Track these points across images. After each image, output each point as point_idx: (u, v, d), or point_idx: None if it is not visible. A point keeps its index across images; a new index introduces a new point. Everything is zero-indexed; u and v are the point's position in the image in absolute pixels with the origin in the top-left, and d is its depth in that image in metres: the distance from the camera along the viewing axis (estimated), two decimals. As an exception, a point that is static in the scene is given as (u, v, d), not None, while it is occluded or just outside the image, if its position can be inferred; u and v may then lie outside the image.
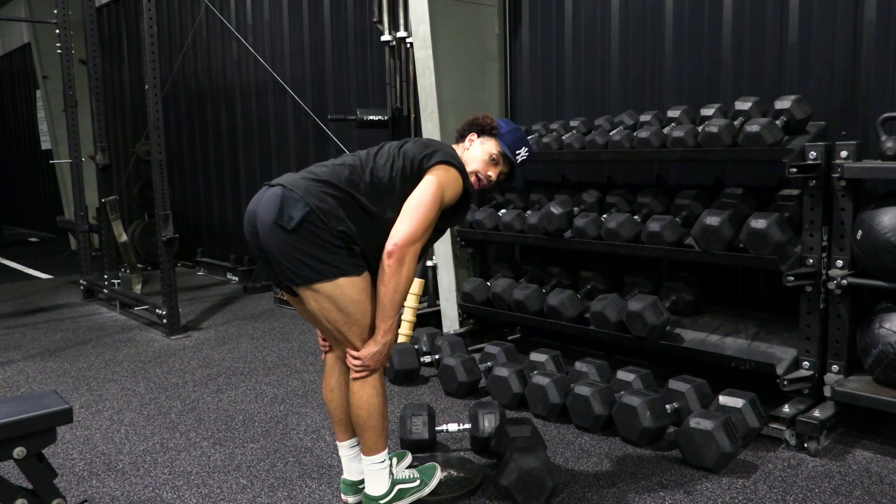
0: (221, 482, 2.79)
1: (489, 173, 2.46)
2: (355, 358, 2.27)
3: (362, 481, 2.49)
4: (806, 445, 2.88)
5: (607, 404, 3.09)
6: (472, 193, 2.41)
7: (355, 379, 2.31)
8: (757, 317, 3.49)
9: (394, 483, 2.43)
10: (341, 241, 2.18)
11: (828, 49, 3.30)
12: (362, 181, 2.26)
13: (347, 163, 2.32)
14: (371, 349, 2.25)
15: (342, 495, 2.55)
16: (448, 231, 4.31)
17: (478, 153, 2.45)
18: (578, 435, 3.13)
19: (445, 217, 2.35)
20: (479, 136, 2.49)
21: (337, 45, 5.90)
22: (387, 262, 2.18)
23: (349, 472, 2.54)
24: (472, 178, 2.42)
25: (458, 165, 2.32)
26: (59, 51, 6.21)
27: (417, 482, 2.50)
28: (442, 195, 2.25)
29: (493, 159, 2.46)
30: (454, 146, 2.48)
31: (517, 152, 2.51)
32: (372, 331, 2.28)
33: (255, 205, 2.26)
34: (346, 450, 2.53)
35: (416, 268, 2.24)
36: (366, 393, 2.31)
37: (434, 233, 2.38)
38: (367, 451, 2.37)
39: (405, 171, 2.28)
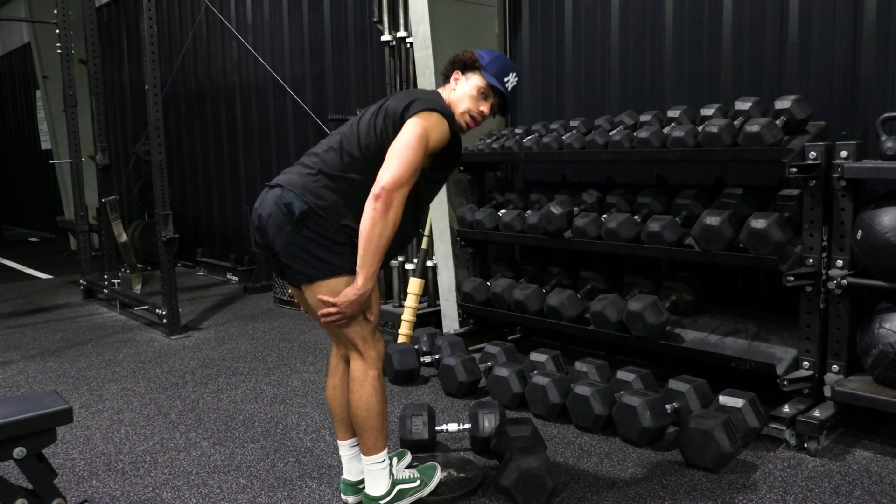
0: (221, 482, 2.79)
1: (481, 109, 2.37)
2: (332, 305, 2.19)
3: (362, 481, 2.48)
4: (806, 445, 2.88)
5: (607, 404, 3.09)
6: (460, 136, 2.34)
7: (352, 367, 2.33)
8: (757, 317, 3.49)
9: (394, 483, 2.43)
10: (344, 237, 2.18)
11: (828, 49, 3.30)
12: (353, 158, 2.23)
13: (334, 146, 2.29)
14: (349, 296, 2.17)
15: (342, 495, 2.55)
16: (448, 231, 4.32)
17: (465, 90, 2.36)
18: (578, 435, 3.13)
19: (439, 165, 2.31)
20: (463, 74, 2.39)
21: (337, 45, 5.90)
22: (373, 206, 2.10)
23: (349, 472, 2.54)
24: (466, 118, 2.35)
25: (440, 108, 2.23)
26: (59, 51, 6.21)
27: (417, 482, 2.50)
28: (426, 138, 2.17)
29: (482, 93, 2.36)
30: (440, 89, 2.42)
31: (505, 80, 2.39)
32: (374, 323, 2.30)
33: (258, 206, 2.30)
34: (346, 449, 2.53)
35: (401, 214, 2.14)
36: (365, 392, 2.31)
37: (433, 184, 2.36)
38: (367, 450, 2.37)
39: (388, 129, 2.21)
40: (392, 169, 2.11)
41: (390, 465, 2.45)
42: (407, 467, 2.67)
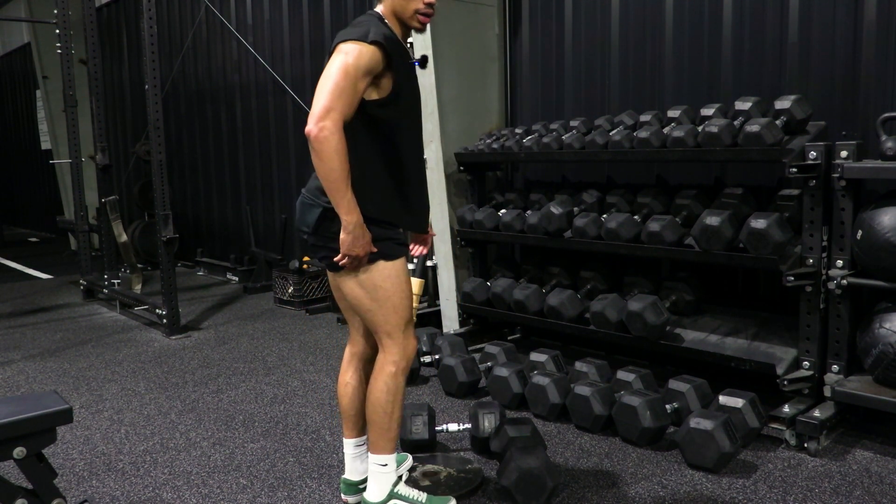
0: (221, 482, 2.79)
1: (426, 1, 2.22)
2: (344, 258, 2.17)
3: (363, 482, 2.48)
4: (806, 445, 2.88)
5: (607, 404, 3.09)
6: (401, 56, 2.17)
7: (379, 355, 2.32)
8: (757, 317, 3.49)
9: (392, 495, 2.37)
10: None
11: (828, 49, 3.30)
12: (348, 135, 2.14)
13: None
14: (343, 240, 2.13)
15: (342, 495, 2.55)
16: (448, 231, 4.32)
17: None
18: (578, 435, 3.13)
19: (399, 89, 2.17)
20: None
21: (337, 45, 5.89)
22: (310, 145, 2.05)
23: (351, 472, 2.53)
24: (419, 18, 2.22)
25: (359, 37, 2.08)
26: (59, 51, 6.21)
27: None
28: (345, 64, 2.04)
29: None
30: (379, 5, 2.25)
31: None
32: (403, 319, 2.28)
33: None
34: (350, 447, 2.51)
35: (342, 142, 2.03)
36: (376, 386, 2.29)
37: (401, 117, 2.22)
38: (371, 447, 2.35)
39: None
40: (317, 99, 2.03)
41: (397, 479, 2.40)
42: (422, 486, 2.61)
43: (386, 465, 2.36)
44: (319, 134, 2.01)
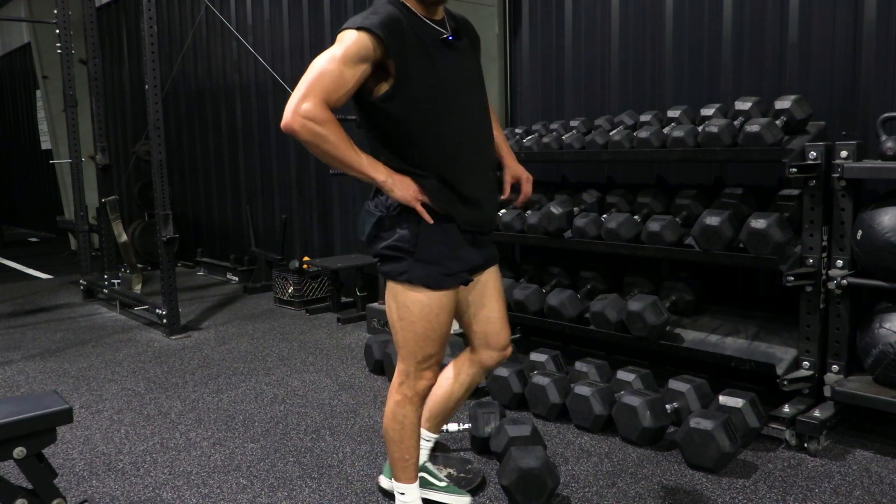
0: (221, 482, 2.79)
1: None
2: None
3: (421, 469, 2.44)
4: (806, 445, 2.88)
5: (607, 404, 3.09)
6: (393, 33, 1.93)
7: None
8: (757, 317, 3.49)
9: None
10: (396, 250, 2.05)
11: (828, 49, 3.30)
12: (368, 140, 2.07)
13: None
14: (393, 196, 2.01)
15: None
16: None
17: None
18: (578, 435, 3.13)
19: (405, 78, 1.96)
20: None
21: (337, 45, 5.89)
22: (297, 139, 1.93)
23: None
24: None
25: (352, 24, 1.94)
26: (59, 51, 6.21)
27: None
28: (337, 50, 1.91)
29: None
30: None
31: None
32: (422, 352, 2.11)
33: None
34: (423, 441, 2.48)
35: (326, 121, 1.89)
36: (385, 411, 2.22)
37: (440, 101, 2.00)
38: (391, 471, 2.28)
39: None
40: (296, 89, 1.91)
41: None
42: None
43: (404, 493, 2.25)
44: (294, 124, 1.86)
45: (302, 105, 1.86)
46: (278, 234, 6.65)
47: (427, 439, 2.52)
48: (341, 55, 1.90)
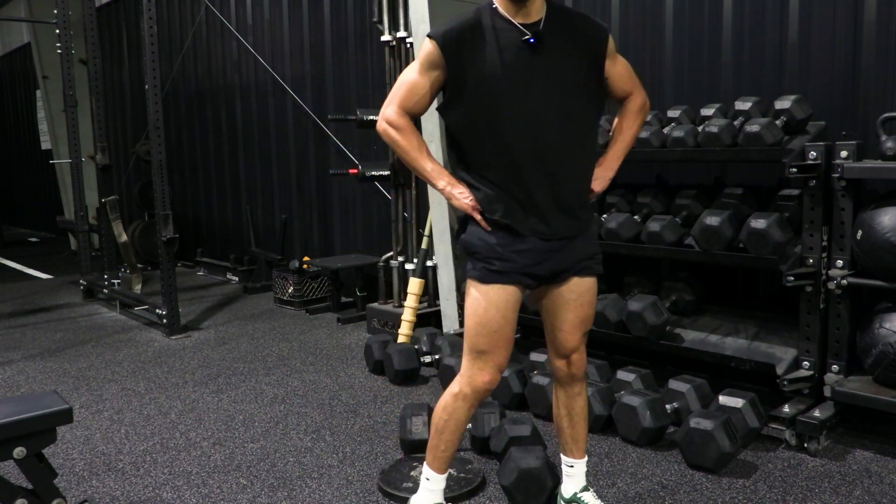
0: (221, 482, 2.79)
1: None
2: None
3: (572, 499, 2.39)
4: (806, 445, 2.88)
5: (607, 404, 3.09)
6: (454, 40, 2.01)
7: None
8: (757, 317, 3.49)
9: None
10: (466, 246, 2.17)
11: (828, 49, 3.30)
12: (449, 149, 2.21)
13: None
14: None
15: None
16: (448, 231, 4.32)
17: None
18: (578, 435, 3.12)
19: (460, 86, 2.02)
20: None
21: (337, 45, 5.90)
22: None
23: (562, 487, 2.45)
24: None
25: (428, 33, 2.08)
26: (59, 51, 6.21)
27: None
28: (417, 61, 2.11)
29: None
30: None
31: None
32: (472, 346, 2.15)
33: None
34: (564, 467, 2.42)
35: (403, 128, 2.10)
36: (442, 397, 2.24)
37: (500, 107, 2.00)
38: (426, 461, 2.30)
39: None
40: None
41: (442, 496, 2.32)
42: None
43: (429, 479, 2.29)
44: (380, 128, 2.13)
45: (385, 111, 2.12)
46: (278, 234, 6.65)
47: (566, 464, 2.40)
48: (418, 63, 2.10)
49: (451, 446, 2.24)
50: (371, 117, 4.79)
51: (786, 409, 3.00)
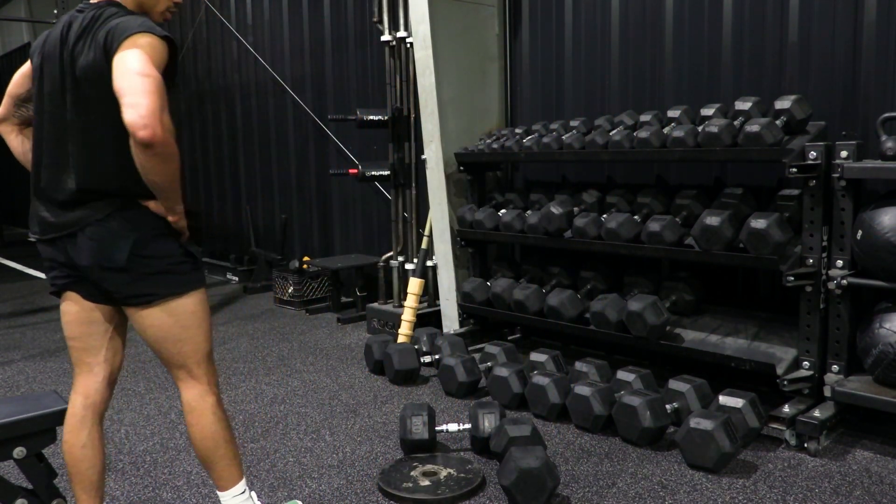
0: (221, 482, 2.79)
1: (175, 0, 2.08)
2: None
3: None
4: (806, 445, 2.88)
5: (607, 404, 3.09)
6: (176, 46, 1.92)
7: (191, 408, 2.13)
8: (757, 317, 3.49)
9: None
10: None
11: (828, 49, 3.30)
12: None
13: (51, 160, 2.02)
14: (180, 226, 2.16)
15: None
16: (448, 231, 4.32)
17: None
18: (578, 435, 3.13)
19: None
20: None
21: (337, 45, 5.90)
22: (151, 153, 1.71)
23: None
24: (166, 15, 2.08)
25: (153, 29, 1.84)
26: (59, 51, 6.19)
27: None
28: (153, 61, 1.77)
29: None
30: (133, 11, 1.98)
31: None
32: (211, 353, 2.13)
33: None
34: None
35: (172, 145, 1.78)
36: (207, 422, 2.12)
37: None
38: (224, 484, 2.15)
39: (103, 81, 1.80)
40: (142, 99, 1.68)
41: (251, 496, 2.21)
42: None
43: (243, 491, 2.18)
44: (161, 137, 1.69)
45: (163, 120, 1.73)
46: (278, 234, 6.65)
47: None
48: (155, 65, 1.82)
49: (237, 443, 2.19)
50: (371, 117, 4.80)
51: (786, 409, 3.00)
